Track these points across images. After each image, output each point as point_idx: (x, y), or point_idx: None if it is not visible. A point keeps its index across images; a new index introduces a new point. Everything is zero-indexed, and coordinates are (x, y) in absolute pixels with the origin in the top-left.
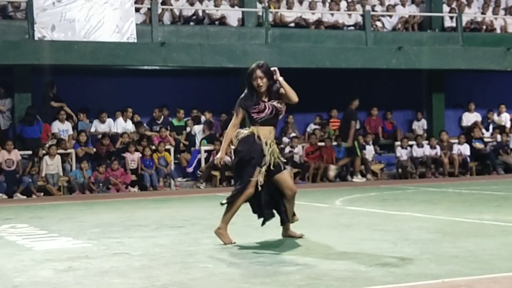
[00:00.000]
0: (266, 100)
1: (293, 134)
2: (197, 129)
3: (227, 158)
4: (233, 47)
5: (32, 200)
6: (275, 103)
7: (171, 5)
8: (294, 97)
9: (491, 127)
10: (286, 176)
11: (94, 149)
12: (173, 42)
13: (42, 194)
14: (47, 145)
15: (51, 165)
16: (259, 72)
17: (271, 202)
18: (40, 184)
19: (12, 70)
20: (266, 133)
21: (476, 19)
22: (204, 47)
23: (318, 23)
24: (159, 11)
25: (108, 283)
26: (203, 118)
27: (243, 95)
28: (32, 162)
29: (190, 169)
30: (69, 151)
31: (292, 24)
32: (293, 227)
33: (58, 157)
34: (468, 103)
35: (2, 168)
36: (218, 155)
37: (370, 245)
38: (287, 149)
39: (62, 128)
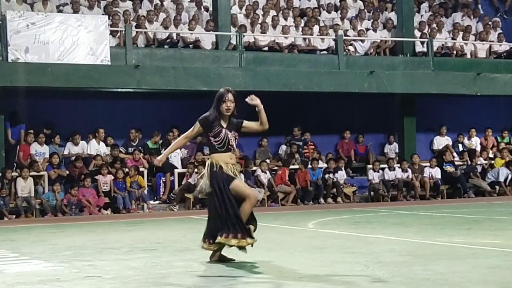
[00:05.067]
0: (224, 126)
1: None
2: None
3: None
4: (207, 70)
5: (4, 222)
6: (230, 134)
7: (145, 28)
8: (266, 124)
9: (465, 154)
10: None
11: (67, 172)
12: (147, 65)
13: (14, 216)
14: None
15: (24, 187)
16: (230, 96)
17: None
18: (12, 207)
19: None
20: (226, 159)
21: (447, 44)
22: (178, 70)
23: (292, 47)
24: (133, 34)
25: None
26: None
27: (207, 113)
28: (2, 184)
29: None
30: (41, 173)
31: (266, 48)
32: (268, 249)
33: (30, 180)
34: (440, 127)
35: None
36: (159, 158)
37: (343, 268)
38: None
39: (40, 150)
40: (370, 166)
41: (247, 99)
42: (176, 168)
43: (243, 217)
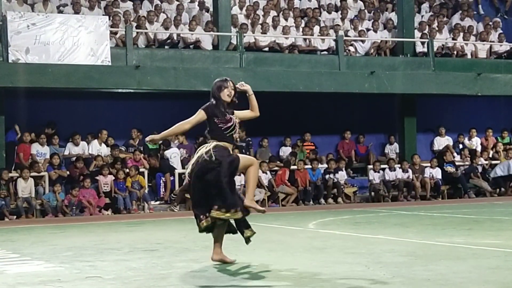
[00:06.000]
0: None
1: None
2: (169, 153)
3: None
4: (207, 70)
5: (5, 223)
6: (236, 119)
7: (146, 28)
8: (257, 110)
9: (466, 151)
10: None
11: (68, 172)
12: (147, 65)
13: (14, 217)
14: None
15: (25, 187)
16: (230, 83)
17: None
18: (12, 207)
19: None
20: (229, 148)
21: (447, 44)
22: (178, 71)
23: (292, 47)
24: (134, 34)
25: None
26: (175, 142)
27: (210, 103)
28: None
29: (162, 195)
30: (42, 174)
31: (266, 49)
32: (269, 250)
33: (31, 180)
34: (440, 127)
35: None
36: (152, 136)
37: (343, 268)
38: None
39: (41, 151)
40: (370, 166)
41: (237, 85)
42: (176, 169)
43: (252, 180)
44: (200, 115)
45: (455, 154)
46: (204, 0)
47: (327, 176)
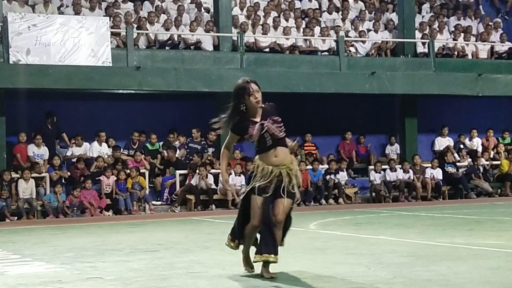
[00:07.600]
0: (258, 120)
1: None
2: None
3: (204, 182)
4: (208, 71)
5: (6, 224)
6: (266, 125)
7: (147, 29)
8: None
9: (464, 151)
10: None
11: (68, 173)
12: (148, 66)
13: (15, 218)
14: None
15: (26, 188)
16: (254, 86)
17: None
18: (13, 208)
19: None
20: (271, 160)
21: (448, 45)
22: (179, 71)
23: (293, 48)
24: (135, 35)
25: None
26: (176, 143)
27: (235, 119)
28: (1, 186)
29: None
30: (43, 175)
31: (267, 49)
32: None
33: (32, 181)
34: (441, 128)
35: None
36: (222, 179)
37: (344, 269)
38: None
39: (37, 152)
40: (371, 167)
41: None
42: (187, 164)
43: (247, 236)
44: (231, 138)
45: (455, 154)
46: (205, 0)
47: (328, 177)
